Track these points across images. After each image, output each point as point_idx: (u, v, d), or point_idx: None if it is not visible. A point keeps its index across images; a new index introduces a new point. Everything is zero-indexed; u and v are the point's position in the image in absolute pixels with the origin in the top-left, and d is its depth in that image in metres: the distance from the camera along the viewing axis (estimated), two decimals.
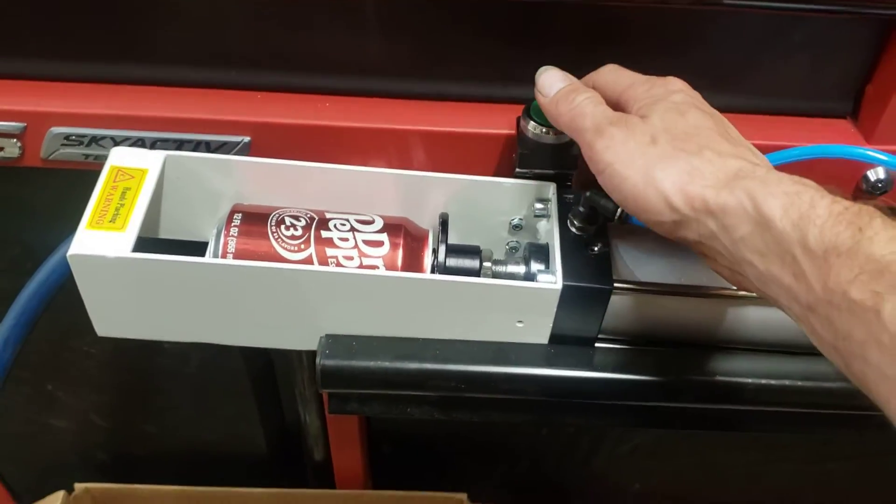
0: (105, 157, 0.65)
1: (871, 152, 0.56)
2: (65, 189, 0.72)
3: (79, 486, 1.04)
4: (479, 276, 0.58)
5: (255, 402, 1.04)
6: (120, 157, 0.57)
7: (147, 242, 0.56)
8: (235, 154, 0.65)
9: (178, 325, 0.57)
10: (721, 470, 1.13)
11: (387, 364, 0.56)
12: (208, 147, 0.66)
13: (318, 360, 0.56)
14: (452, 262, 0.58)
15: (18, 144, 0.67)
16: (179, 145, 0.65)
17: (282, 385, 1.04)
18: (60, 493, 1.01)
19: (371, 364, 0.56)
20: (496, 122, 0.65)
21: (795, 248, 0.41)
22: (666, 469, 1.15)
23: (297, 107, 0.66)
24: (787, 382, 0.58)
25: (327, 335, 0.57)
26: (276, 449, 1.11)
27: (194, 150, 0.65)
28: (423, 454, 1.15)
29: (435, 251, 0.58)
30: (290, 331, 0.57)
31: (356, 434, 0.99)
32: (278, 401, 1.07)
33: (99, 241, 0.53)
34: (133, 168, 0.56)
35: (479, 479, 1.08)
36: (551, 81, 0.55)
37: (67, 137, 0.66)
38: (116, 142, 0.66)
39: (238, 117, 0.65)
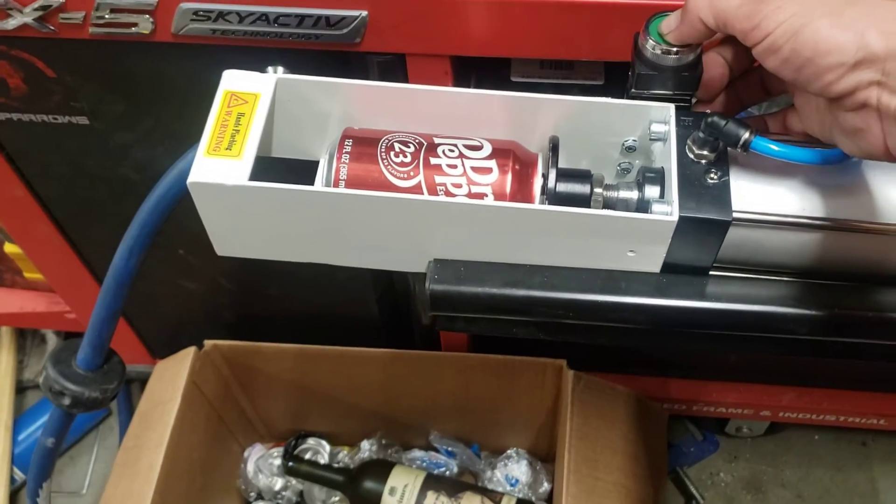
0: (231, 33, 0.71)
1: None
2: (194, 64, 0.75)
3: (208, 343, 1.12)
4: (589, 201, 0.57)
5: (369, 269, 1.08)
6: (232, 81, 0.57)
7: (260, 161, 0.57)
8: (354, 26, 0.68)
9: (292, 246, 0.59)
10: None
11: (494, 290, 0.57)
12: (328, 21, 0.69)
13: (427, 285, 0.57)
14: (563, 187, 0.56)
15: (151, 20, 0.71)
16: (300, 20, 0.69)
17: None
18: (192, 349, 1.10)
19: (479, 290, 0.57)
20: None
21: None
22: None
23: None
24: None
25: (436, 260, 0.58)
26: (387, 313, 1.16)
27: (314, 25, 0.69)
28: None
29: (545, 176, 0.57)
30: (400, 254, 0.58)
31: None
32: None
33: (217, 168, 0.54)
34: (246, 92, 0.56)
35: (577, 348, 1.10)
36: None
37: (196, 13, 0.70)
38: (241, 17, 0.70)
39: None
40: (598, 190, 0.57)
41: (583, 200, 0.56)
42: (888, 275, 0.57)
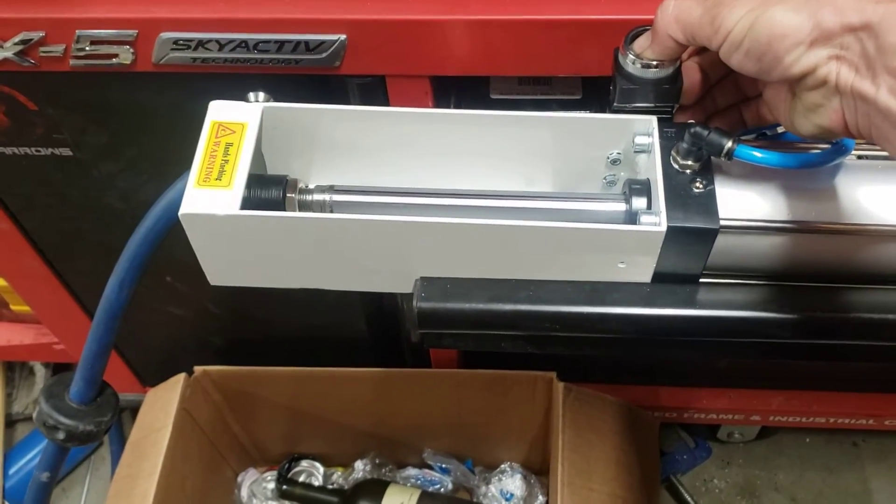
0: (211, 61, 0.71)
1: None
2: (176, 92, 0.76)
3: (198, 369, 1.11)
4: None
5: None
6: (219, 112, 0.57)
7: (253, 179, 0.57)
8: (333, 50, 0.69)
9: (284, 273, 0.59)
10: None
11: (481, 306, 0.57)
12: (307, 46, 0.69)
13: (414, 303, 0.57)
14: None
15: (131, 51, 0.71)
16: (280, 46, 0.69)
17: None
18: (181, 376, 1.09)
19: (465, 306, 0.57)
20: None
21: None
22: None
23: (392, 4, 0.68)
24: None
25: (422, 278, 0.58)
26: (377, 332, 1.16)
27: (294, 50, 0.69)
28: None
29: None
30: (390, 274, 0.59)
31: None
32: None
33: (208, 199, 0.54)
34: (233, 122, 0.57)
35: (567, 360, 1.11)
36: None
37: (176, 42, 0.70)
38: (221, 45, 0.70)
39: (333, 16, 0.67)
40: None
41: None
42: (877, 275, 0.58)
